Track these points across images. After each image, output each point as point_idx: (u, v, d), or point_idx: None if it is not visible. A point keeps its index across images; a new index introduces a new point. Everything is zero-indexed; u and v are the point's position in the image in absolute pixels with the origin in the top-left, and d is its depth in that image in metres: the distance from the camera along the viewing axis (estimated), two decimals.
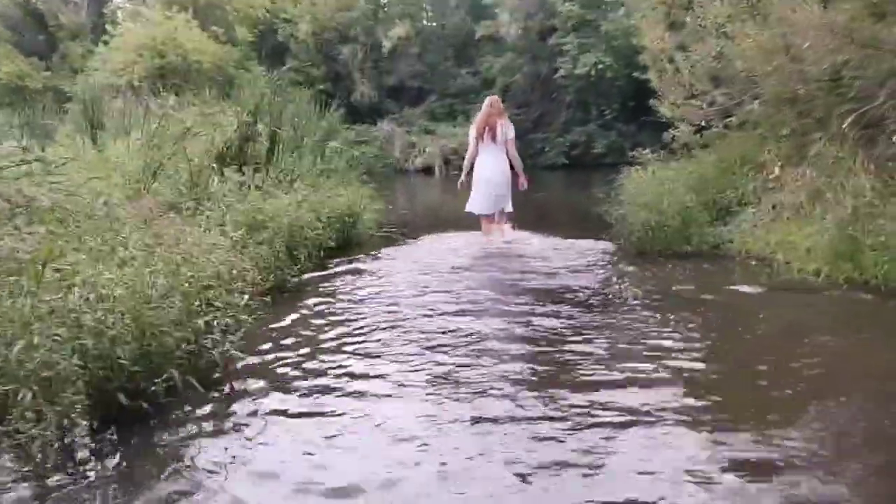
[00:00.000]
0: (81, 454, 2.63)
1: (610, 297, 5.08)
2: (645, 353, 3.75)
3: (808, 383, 3.29)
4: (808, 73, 6.57)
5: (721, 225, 6.80)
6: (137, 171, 5.88)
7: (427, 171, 24.02)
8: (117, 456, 2.66)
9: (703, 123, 8.40)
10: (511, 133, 7.07)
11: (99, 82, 18.11)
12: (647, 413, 2.95)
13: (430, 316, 4.59)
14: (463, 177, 7.41)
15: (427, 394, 3.26)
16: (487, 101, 7.29)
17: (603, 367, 3.56)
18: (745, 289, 5.18)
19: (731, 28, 7.61)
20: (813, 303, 4.84)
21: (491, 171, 7.05)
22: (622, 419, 2.90)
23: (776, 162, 6.70)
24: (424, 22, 28.35)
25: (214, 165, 6.33)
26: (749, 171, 6.98)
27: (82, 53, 27.74)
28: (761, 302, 4.93)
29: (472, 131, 7.19)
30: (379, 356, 3.82)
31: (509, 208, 7.25)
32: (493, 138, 7.02)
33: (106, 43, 24.16)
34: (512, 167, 7.19)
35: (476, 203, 7.21)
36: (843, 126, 5.99)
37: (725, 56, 7.79)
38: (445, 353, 3.82)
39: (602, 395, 3.15)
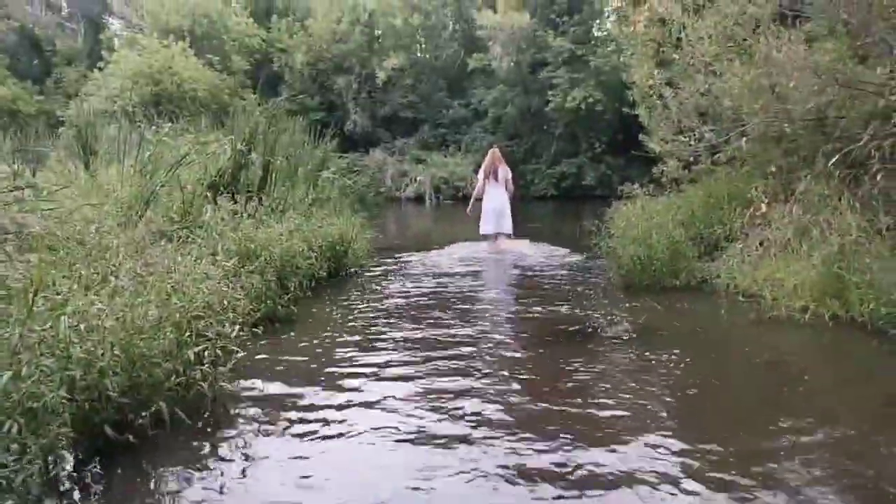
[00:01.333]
0: (66, 488, 2.59)
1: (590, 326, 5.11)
2: (629, 386, 3.76)
3: (791, 420, 3.31)
4: (793, 112, 6.70)
5: (709, 260, 6.87)
6: (130, 198, 5.88)
7: (418, 199, 24.19)
8: (102, 491, 2.62)
9: (691, 159, 8.53)
10: (508, 174, 9.86)
11: (93, 108, 18.17)
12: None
13: (418, 337, 4.59)
14: (471, 204, 10.11)
15: (409, 418, 3.26)
16: (491, 151, 10.07)
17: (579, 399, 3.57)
18: (731, 325, 5.22)
19: (719, 66, 7.77)
20: (799, 340, 4.88)
21: (493, 203, 9.71)
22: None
23: (763, 199, 6.80)
24: (418, 54, 28.77)
25: (207, 194, 6.34)
26: (736, 207, 7.07)
27: (77, 79, 27.89)
28: (748, 338, 4.96)
29: (481, 173, 9.98)
30: (366, 387, 3.82)
31: (510, 231, 9.72)
32: (496, 178, 9.74)
33: (101, 69, 24.33)
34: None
35: (485, 226, 9.75)
36: (829, 165, 6.10)
37: (713, 93, 7.95)
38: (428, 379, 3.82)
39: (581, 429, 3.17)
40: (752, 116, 7.18)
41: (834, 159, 6.05)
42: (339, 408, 3.51)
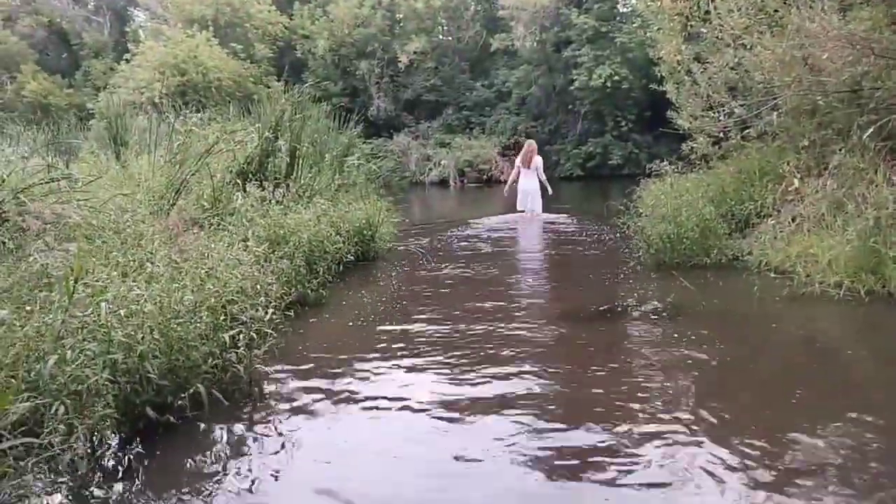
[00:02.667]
0: (110, 467, 2.69)
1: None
2: (660, 362, 3.75)
3: (826, 397, 3.27)
4: (827, 85, 6.53)
5: (740, 237, 6.77)
6: (161, 187, 5.98)
7: (442, 183, 24.13)
8: (144, 469, 2.71)
9: (721, 134, 8.38)
10: (540, 163, 11.61)
11: (121, 99, 18.43)
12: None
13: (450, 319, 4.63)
14: (508, 186, 12.19)
15: (441, 406, 3.29)
16: (526, 145, 12.07)
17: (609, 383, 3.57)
18: (764, 302, 5.15)
19: (749, 39, 7.60)
20: (834, 316, 4.80)
21: (526, 186, 11.59)
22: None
23: (795, 173, 6.66)
24: (440, 36, 28.54)
25: (237, 181, 6.42)
26: (768, 183, 6.93)
27: (104, 71, 28.30)
28: (781, 315, 4.89)
29: (518, 161, 11.88)
30: (397, 368, 3.86)
31: (539, 209, 11.51)
32: (529, 166, 11.58)
33: (128, 61, 24.63)
34: (541, 183, 11.66)
35: (520, 204, 11.63)
36: (864, 137, 5.95)
37: (743, 67, 7.78)
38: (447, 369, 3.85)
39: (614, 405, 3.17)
40: (783, 89, 7.02)
41: (869, 131, 5.90)
42: (372, 388, 3.56)
